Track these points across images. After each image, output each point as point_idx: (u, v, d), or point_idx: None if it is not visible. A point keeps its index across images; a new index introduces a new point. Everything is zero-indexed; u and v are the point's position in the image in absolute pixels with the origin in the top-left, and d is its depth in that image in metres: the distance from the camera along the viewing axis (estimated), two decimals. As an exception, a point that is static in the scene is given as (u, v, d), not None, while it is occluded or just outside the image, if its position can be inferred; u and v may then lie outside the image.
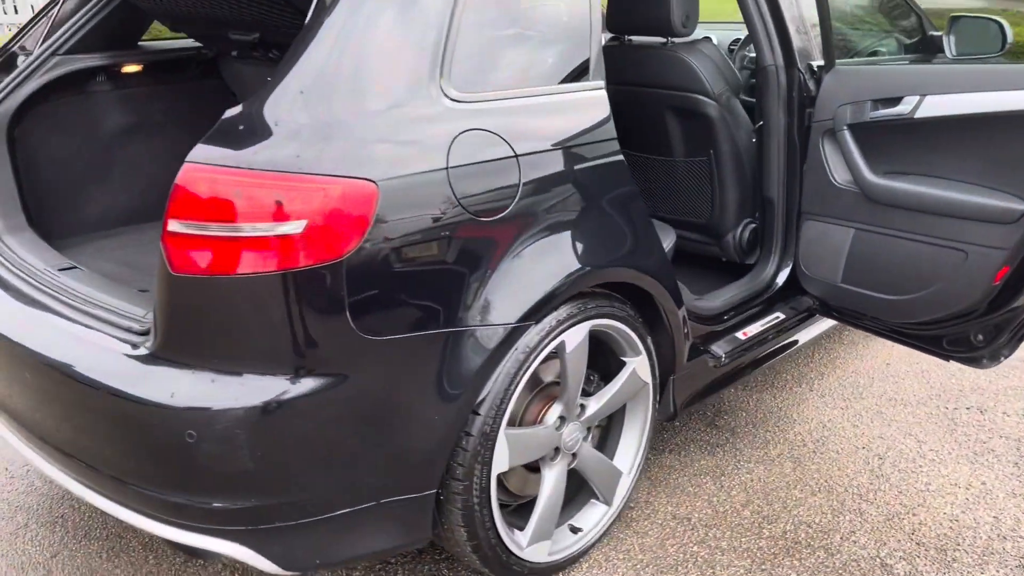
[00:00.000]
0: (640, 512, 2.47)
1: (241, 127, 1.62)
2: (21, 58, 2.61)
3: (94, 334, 1.85)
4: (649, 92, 2.93)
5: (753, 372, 2.87)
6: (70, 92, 2.68)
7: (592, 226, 2.04)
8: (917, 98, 2.30)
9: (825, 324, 3.08)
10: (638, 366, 2.28)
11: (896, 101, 2.36)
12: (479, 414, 1.88)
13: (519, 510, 2.21)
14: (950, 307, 2.39)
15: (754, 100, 2.87)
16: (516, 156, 1.87)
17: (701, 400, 2.63)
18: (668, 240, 2.72)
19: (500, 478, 2.15)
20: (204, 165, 1.58)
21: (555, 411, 2.11)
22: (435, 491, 1.87)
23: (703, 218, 3.08)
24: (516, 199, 1.87)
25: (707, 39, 2.88)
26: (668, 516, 2.45)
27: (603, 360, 2.31)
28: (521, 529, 2.11)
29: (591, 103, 2.08)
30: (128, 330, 1.82)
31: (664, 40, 2.89)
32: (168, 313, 1.65)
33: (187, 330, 1.65)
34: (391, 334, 1.70)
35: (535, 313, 1.90)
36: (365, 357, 1.68)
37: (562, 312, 2.01)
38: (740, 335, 2.74)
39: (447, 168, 1.75)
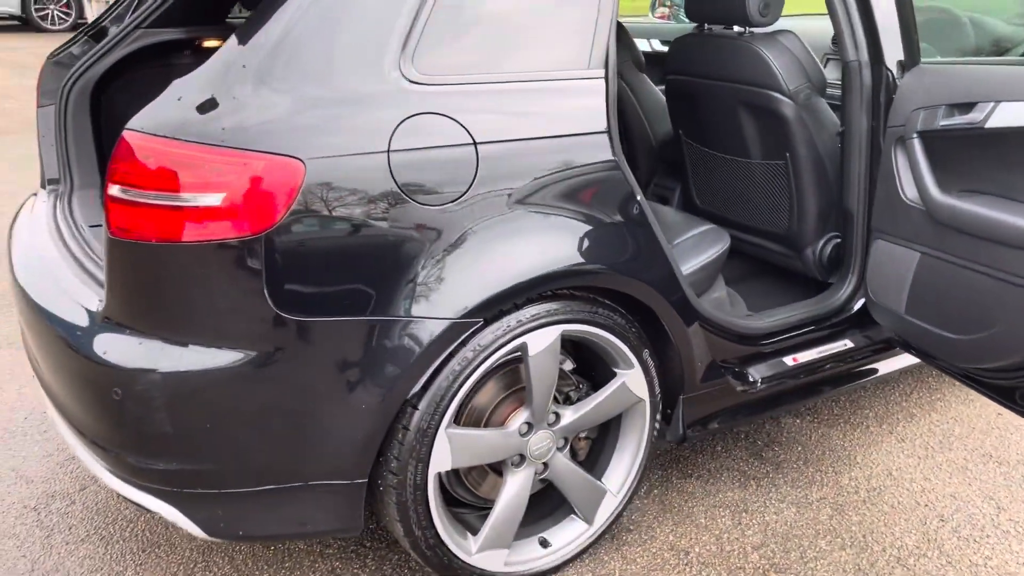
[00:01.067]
0: (637, 536, 2.30)
1: (180, 97, 1.65)
2: (114, 29, 2.82)
3: (83, 289, 1.96)
4: (722, 86, 2.70)
5: (807, 402, 2.58)
6: (154, 63, 2.86)
7: (565, 227, 1.89)
8: (991, 104, 1.94)
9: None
10: (629, 380, 2.11)
11: (969, 107, 2.00)
12: (417, 408, 1.82)
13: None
14: (1017, 353, 2.01)
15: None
16: (475, 144, 1.77)
17: (728, 426, 2.39)
18: (715, 247, 2.50)
19: (461, 477, 2.08)
20: (137, 132, 1.63)
21: (521, 416, 2.00)
22: (365, 480, 1.82)
23: (780, 228, 2.80)
24: (468, 190, 1.77)
25: (787, 31, 2.60)
26: (665, 546, 2.26)
27: (602, 368, 2.16)
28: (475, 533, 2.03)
29: (581, 92, 1.93)
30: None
31: (740, 29, 2.64)
32: (108, 275, 1.72)
33: (121, 292, 1.71)
34: (312, 316, 1.67)
35: (484, 311, 1.80)
36: (283, 336, 1.67)
37: (526, 312, 1.89)
38: (788, 360, 2.47)
39: (388, 151, 1.69)
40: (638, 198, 2.01)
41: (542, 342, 1.92)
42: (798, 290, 2.88)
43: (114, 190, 1.64)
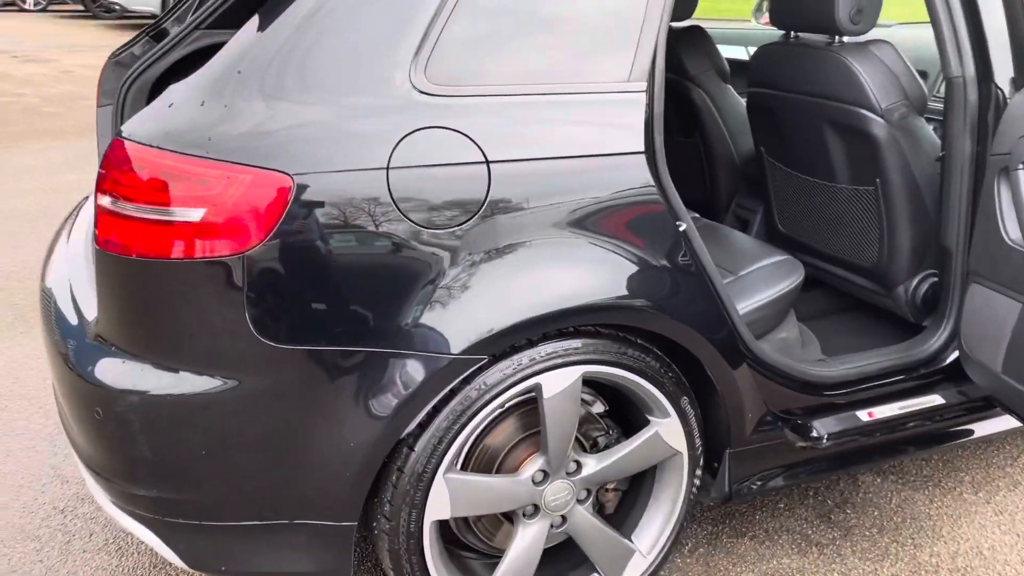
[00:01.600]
0: (673, 601, 2.06)
1: (171, 103, 1.55)
2: (174, 30, 2.79)
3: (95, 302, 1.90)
4: (807, 101, 2.41)
5: (883, 462, 2.27)
6: (213, 64, 2.82)
7: (589, 257, 1.69)
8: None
9: None
10: (664, 429, 1.88)
11: (1086, 135, 1.68)
12: (413, 450, 1.66)
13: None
14: None
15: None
16: (487, 163, 1.60)
17: (785, 486, 2.12)
18: (785, 281, 2.23)
19: (470, 524, 1.90)
20: (124, 139, 1.53)
21: (536, 463, 1.80)
22: (354, 524, 1.67)
23: (868, 261, 2.49)
24: (479, 213, 1.59)
25: (882, 41, 2.29)
26: (703, 615, 2.02)
27: (637, 413, 1.94)
28: (483, 587, 1.85)
29: (618, 107, 1.71)
30: None
31: (829, 39, 2.35)
32: (98, 290, 1.64)
33: (108, 308, 1.62)
34: (296, 344, 1.54)
35: (490, 347, 1.62)
36: (265, 365, 1.54)
37: (541, 350, 1.70)
38: (863, 415, 2.18)
39: (387, 168, 1.53)
40: (682, 228, 1.78)
41: (559, 384, 1.72)
42: (887, 332, 2.56)
43: (102, 200, 1.55)
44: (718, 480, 2.03)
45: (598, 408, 1.95)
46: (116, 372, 1.59)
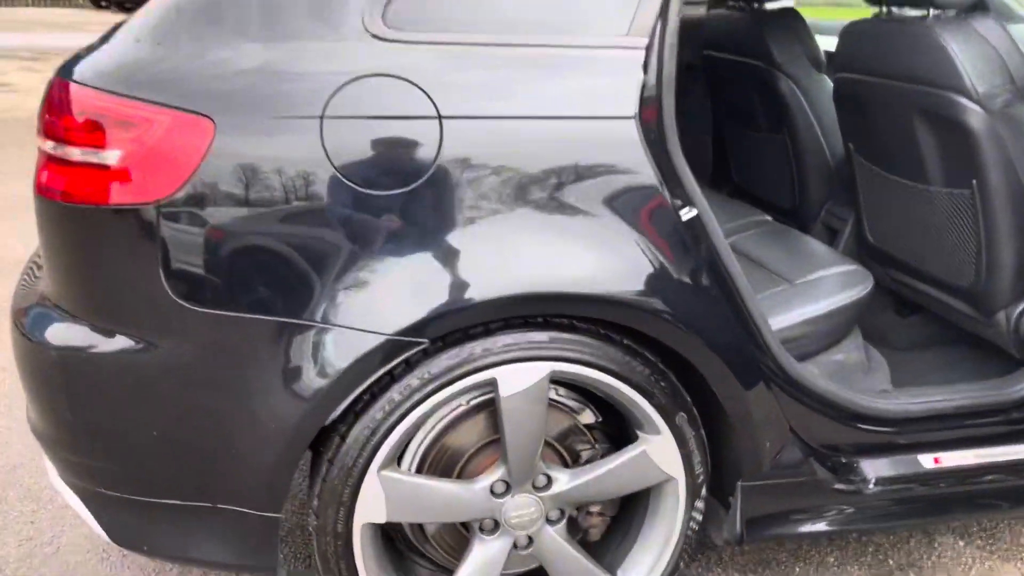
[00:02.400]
0: (669, 654, 1.76)
1: (106, 41, 1.45)
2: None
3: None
4: (896, 87, 2.05)
5: (951, 519, 1.87)
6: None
7: (558, 237, 1.45)
8: None
9: None
10: (653, 449, 1.59)
11: None
12: (345, 441, 1.47)
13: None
14: None
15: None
16: (439, 118, 1.39)
17: (821, 533, 1.78)
18: (847, 292, 1.90)
19: (426, 535, 1.69)
20: (59, 78, 1.44)
21: (496, 472, 1.57)
22: (279, 516, 1.50)
23: (964, 280, 2.09)
24: (427, 175, 1.39)
25: (987, 13, 1.90)
26: (700, 676, 1.71)
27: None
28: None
29: (609, 64, 1.46)
30: None
31: (923, 12, 1.98)
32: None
33: (45, 259, 1.54)
34: (212, 307, 1.39)
35: (430, 330, 1.41)
36: (181, 327, 1.40)
37: (498, 341, 1.47)
38: (927, 460, 1.80)
39: (321, 117, 1.36)
40: (688, 215, 1.51)
41: (520, 381, 1.48)
42: (986, 364, 2.14)
43: (40, 143, 1.47)
44: (729, 519, 1.71)
45: (587, 418, 1.69)
46: (39, 324, 1.50)
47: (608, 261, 1.46)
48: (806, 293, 1.93)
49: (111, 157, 1.36)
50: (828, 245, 2.65)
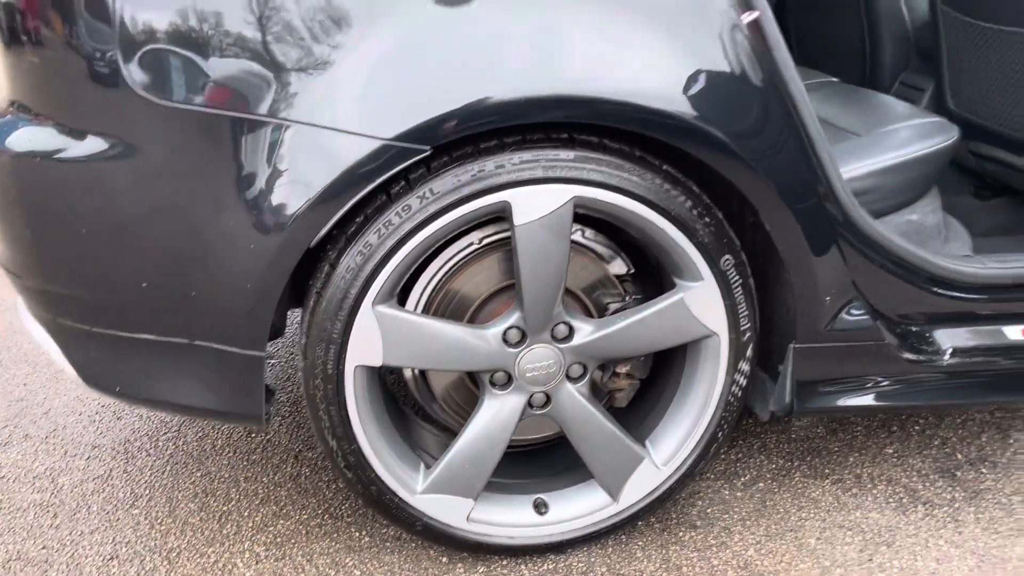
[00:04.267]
0: (701, 535, 1.57)
1: None
2: None
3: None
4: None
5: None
6: None
7: (589, 24, 1.20)
8: None
9: None
10: (691, 298, 1.37)
11: None
12: (335, 269, 1.28)
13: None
14: None
15: None
16: None
17: (882, 408, 1.56)
18: (927, 142, 1.64)
19: (432, 393, 1.50)
20: None
21: (509, 318, 1.36)
22: (263, 354, 1.32)
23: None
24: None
25: None
26: (737, 563, 1.51)
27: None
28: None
29: None
30: None
31: None
32: None
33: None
34: (180, 102, 1.18)
35: (436, 135, 1.19)
36: (145, 124, 1.20)
37: (514, 157, 1.25)
38: (1014, 331, 1.55)
39: None
40: (748, 18, 1.26)
41: (538, 207, 1.27)
42: None
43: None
44: (779, 386, 1.49)
45: (618, 268, 1.47)
46: (11, 128, 1.32)
47: (653, 64, 1.22)
48: (879, 143, 1.67)
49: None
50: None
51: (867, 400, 1.51)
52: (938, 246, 1.71)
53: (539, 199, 1.26)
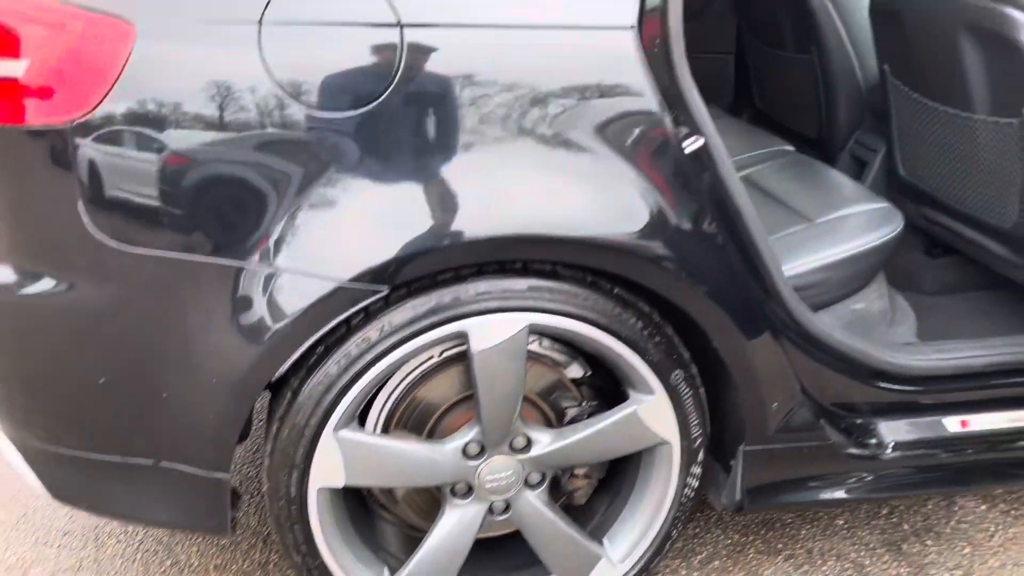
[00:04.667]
0: (659, 624, 1.63)
1: None
2: None
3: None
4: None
5: (978, 489, 1.71)
6: None
7: (537, 171, 1.25)
8: None
9: None
10: (645, 411, 1.42)
11: None
12: (297, 397, 1.31)
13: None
14: None
15: None
16: (400, 25, 1.18)
17: (832, 503, 1.62)
18: (873, 234, 1.70)
19: (395, 498, 1.54)
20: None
21: (469, 432, 1.41)
22: (227, 476, 1.36)
23: (1007, 220, 1.86)
24: (386, 92, 1.19)
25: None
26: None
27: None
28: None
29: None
30: None
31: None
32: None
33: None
34: (139, 245, 1.21)
35: (391, 275, 1.23)
36: (104, 266, 1.23)
37: (470, 288, 1.29)
38: (953, 423, 1.62)
39: (260, 23, 1.16)
40: (693, 146, 1.30)
41: (494, 335, 1.31)
42: (1022, 314, 1.94)
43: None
44: (730, 482, 1.55)
45: (575, 372, 1.52)
46: None
47: (596, 199, 1.27)
48: (827, 234, 1.73)
49: (16, 68, 1.16)
50: (855, 178, 2.43)
51: (818, 496, 1.58)
52: (883, 331, 1.77)
53: (495, 327, 1.30)
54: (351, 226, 1.21)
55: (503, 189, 1.24)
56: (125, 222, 1.20)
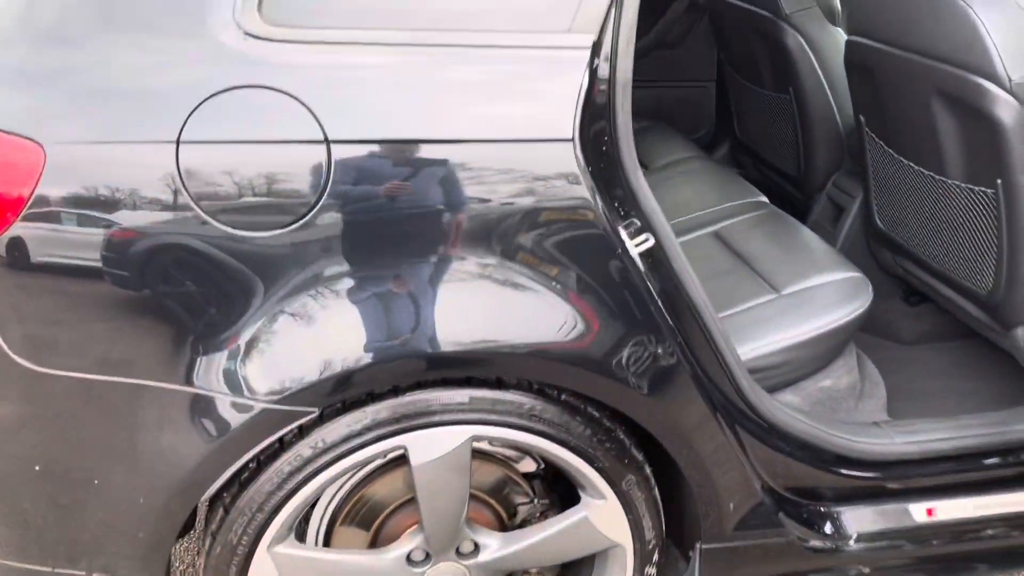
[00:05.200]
0: None
1: None
2: None
3: None
4: (912, 60, 1.73)
5: None
6: None
7: (469, 281, 1.19)
8: None
9: None
10: (596, 515, 1.38)
11: None
12: (228, 513, 1.26)
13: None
14: None
15: None
16: (327, 142, 1.12)
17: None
18: (839, 311, 1.65)
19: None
20: None
21: (413, 539, 1.36)
22: (165, 591, 1.32)
23: (981, 287, 1.81)
24: (311, 213, 1.13)
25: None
26: None
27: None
28: None
29: (540, 70, 1.18)
30: None
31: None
32: None
33: None
34: (57, 368, 1.16)
35: (321, 396, 1.18)
36: (22, 388, 1.18)
37: (408, 402, 1.24)
38: (918, 511, 1.57)
39: (177, 142, 1.10)
40: (638, 240, 1.24)
41: (434, 449, 1.26)
42: (1002, 368, 1.89)
43: None
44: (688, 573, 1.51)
45: (527, 466, 1.47)
46: None
47: (535, 310, 1.21)
48: (793, 310, 1.67)
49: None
50: (833, 222, 2.37)
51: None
52: (851, 407, 1.72)
53: (436, 441, 1.26)
54: (276, 347, 1.16)
55: (437, 304, 1.19)
56: (42, 344, 1.15)
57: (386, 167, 1.14)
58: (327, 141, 1.12)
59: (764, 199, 2.18)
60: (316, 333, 1.16)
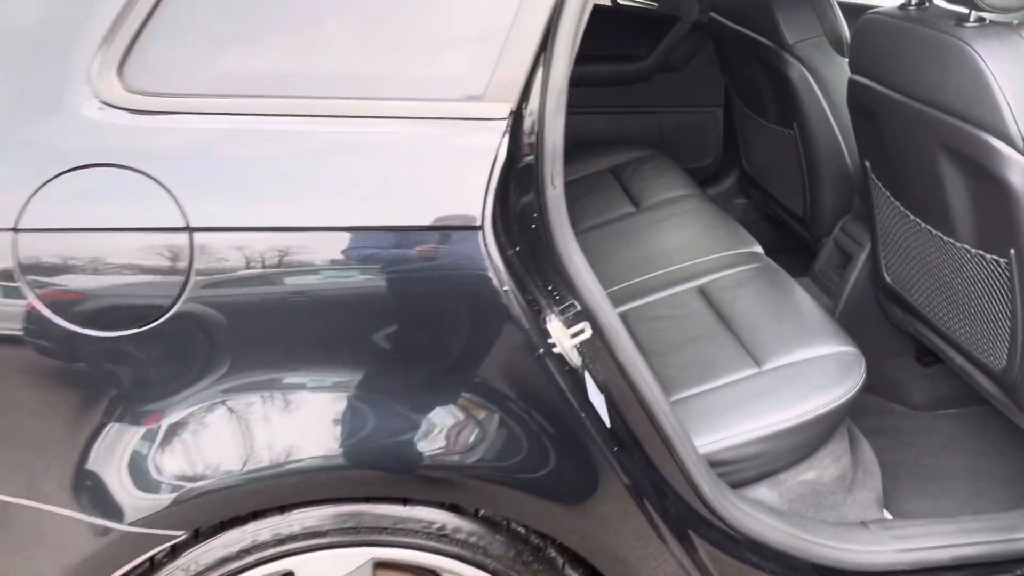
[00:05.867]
0: None
1: None
2: None
3: None
4: (917, 109, 1.53)
5: None
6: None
7: (363, 390, 1.02)
8: None
9: None
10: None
11: None
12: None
13: None
14: None
15: None
16: (189, 229, 0.96)
17: None
18: (832, 391, 1.47)
19: None
20: None
21: (317, 662, 1.20)
22: None
23: (995, 362, 1.59)
24: (173, 309, 0.97)
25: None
26: None
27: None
28: None
29: (450, 145, 1.01)
30: None
31: (962, 13, 1.44)
32: None
33: None
34: None
35: (189, 518, 1.02)
36: None
37: (295, 520, 1.07)
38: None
39: (15, 230, 0.95)
40: (574, 330, 1.07)
41: (329, 573, 1.09)
42: (1014, 460, 1.69)
43: None
44: None
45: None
46: None
47: (434, 421, 1.04)
48: (773, 391, 1.48)
49: None
50: (840, 269, 2.16)
51: None
52: (840, 500, 1.53)
53: (329, 565, 1.09)
54: (133, 463, 1.00)
55: (322, 415, 1.02)
56: None
57: (255, 259, 0.97)
58: (189, 229, 0.96)
59: (759, 249, 1.98)
60: (174, 447, 1.00)
